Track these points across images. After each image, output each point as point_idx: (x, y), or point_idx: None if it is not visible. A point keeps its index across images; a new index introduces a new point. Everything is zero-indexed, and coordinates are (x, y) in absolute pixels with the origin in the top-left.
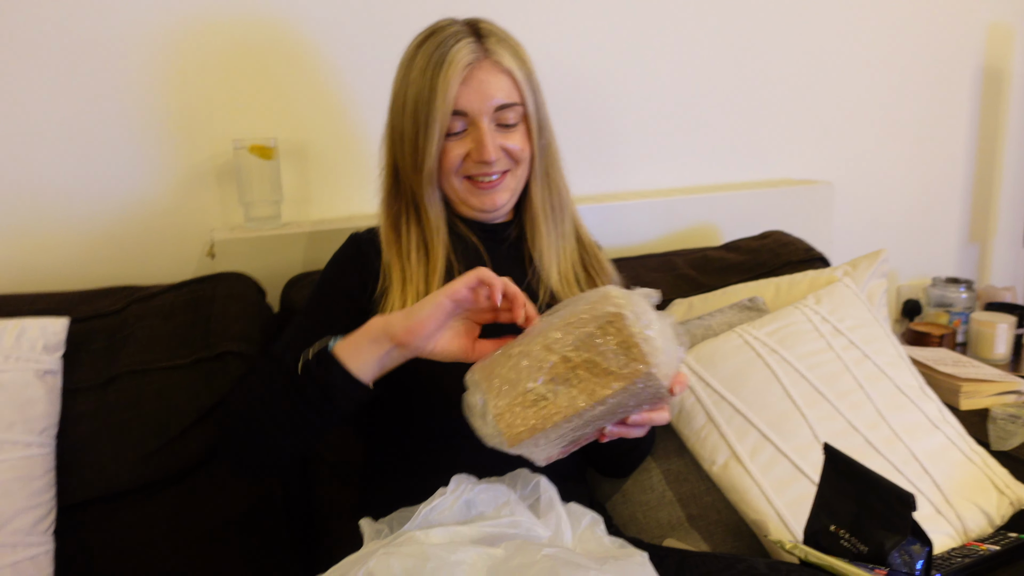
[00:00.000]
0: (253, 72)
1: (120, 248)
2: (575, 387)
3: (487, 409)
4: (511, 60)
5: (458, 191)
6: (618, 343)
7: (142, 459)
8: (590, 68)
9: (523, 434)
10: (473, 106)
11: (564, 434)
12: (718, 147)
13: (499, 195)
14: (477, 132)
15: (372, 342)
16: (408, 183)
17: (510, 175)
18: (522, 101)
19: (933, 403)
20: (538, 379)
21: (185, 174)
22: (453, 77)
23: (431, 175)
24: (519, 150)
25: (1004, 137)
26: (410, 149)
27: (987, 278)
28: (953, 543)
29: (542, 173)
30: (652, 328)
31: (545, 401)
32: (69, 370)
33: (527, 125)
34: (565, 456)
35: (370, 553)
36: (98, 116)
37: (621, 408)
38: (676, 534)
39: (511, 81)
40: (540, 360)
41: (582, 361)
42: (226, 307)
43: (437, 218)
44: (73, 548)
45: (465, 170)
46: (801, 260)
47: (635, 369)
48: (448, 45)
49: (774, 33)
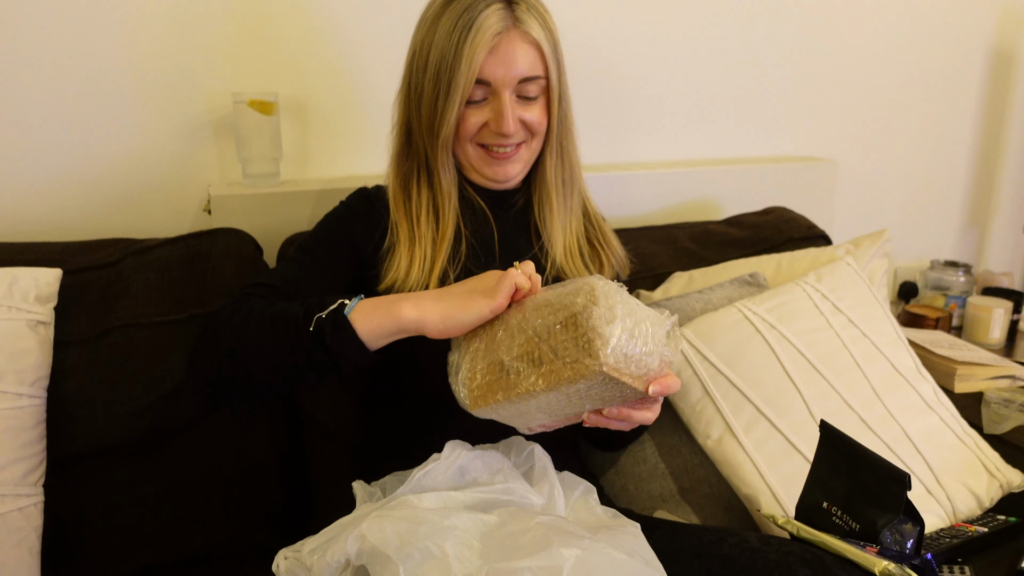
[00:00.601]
0: (255, 25)
1: (115, 199)
2: (537, 369)
3: (461, 369)
4: (540, 30)
5: (471, 159)
6: (575, 336)
7: (134, 414)
8: (599, 37)
9: (486, 400)
10: (497, 76)
11: (530, 411)
12: (723, 121)
13: (512, 166)
14: (498, 103)
15: (398, 328)
16: (421, 144)
17: (524, 147)
18: (546, 74)
19: (928, 385)
20: (509, 353)
21: (183, 127)
22: (480, 45)
23: (447, 141)
24: (537, 123)
25: (1009, 121)
26: (428, 112)
27: (985, 262)
28: (943, 524)
29: (557, 146)
30: (616, 327)
31: (510, 376)
32: (62, 322)
33: (548, 98)
34: (550, 430)
35: (363, 516)
36: (96, 65)
37: (593, 398)
38: (667, 506)
39: (538, 53)
40: (513, 335)
41: (547, 347)
42: (222, 263)
43: (449, 184)
44: (64, 501)
45: (481, 138)
46: (803, 237)
47: (585, 365)
48: (477, 9)
49: (783, 9)
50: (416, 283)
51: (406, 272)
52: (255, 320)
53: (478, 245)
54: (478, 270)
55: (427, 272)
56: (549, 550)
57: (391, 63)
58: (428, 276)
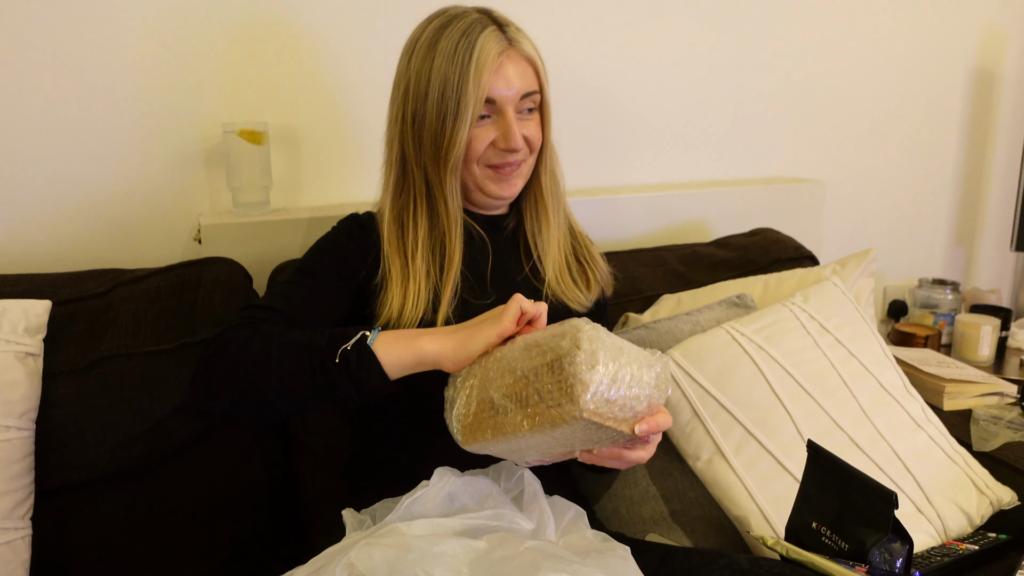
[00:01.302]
0: (245, 55)
1: (106, 230)
2: (523, 410)
3: (455, 404)
4: (531, 49)
5: (478, 179)
6: (559, 380)
7: (124, 444)
8: (588, 62)
9: (475, 438)
10: (502, 94)
11: (520, 448)
12: (712, 143)
13: (516, 182)
14: (504, 120)
15: (417, 362)
16: (418, 174)
17: (525, 163)
18: (541, 89)
19: (917, 403)
20: (499, 391)
21: (173, 157)
22: (486, 66)
23: (456, 163)
24: (535, 138)
25: (993, 140)
26: (431, 138)
27: (973, 280)
28: (933, 542)
29: (549, 160)
30: (598, 373)
31: (498, 415)
32: (51, 353)
33: (542, 113)
34: (547, 464)
35: (352, 544)
36: (86, 96)
37: (582, 440)
38: (659, 529)
39: (532, 69)
40: (503, 374)
41: (534, 389)
42: (212, 292)
43: (456, 210)
44: (52, 533)
45: (487, 159)
46: (790, 258)
47: (567, 411)
48: (476, 32)
49: (769, 32)
50: (409, 321)
51: (399, 310)
52: (276, 348)
53: (472, 275)
54: (472, 300)
55: (420, 307)
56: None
57: (379, 91)
58: (424, 310)
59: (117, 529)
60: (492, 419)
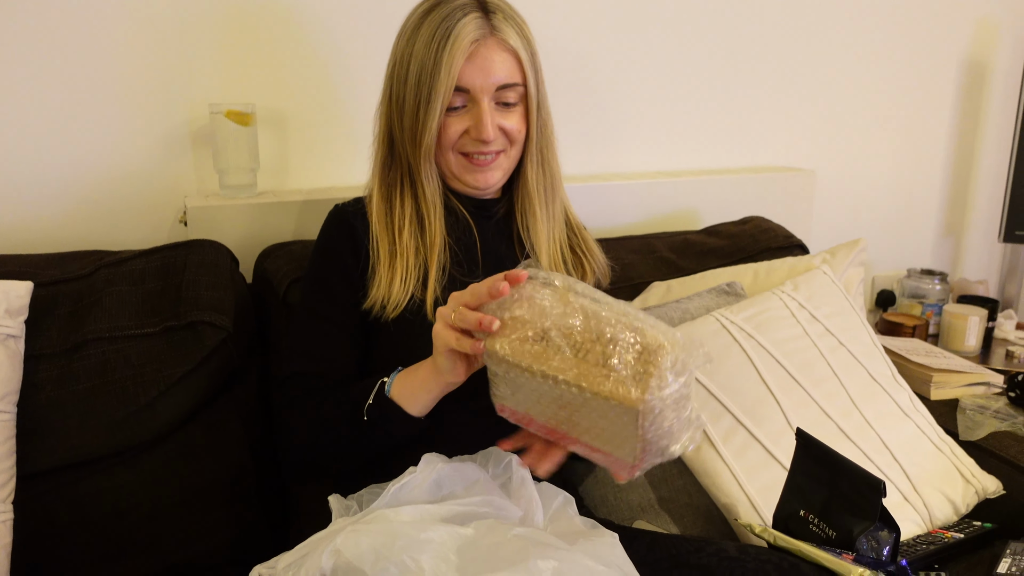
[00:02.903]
0: (233, 35)
1: (90, 211)
2: (579, 361)
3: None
4: (516, 39)
5: (453, 167)
6: (639, 362)
7: (108, 427)
8: (580, 49)
9: (503, 349)
10: (475, 83)
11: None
12: (703, 132)
13: (492, 174)
14: (477, 110)
15: (431, 398)
16: (404, 155)
17: (504, 155)
18: (524, 81)
19: (905, 392)
20: (561, 330)
21: (159, 137)
22: (458, 53)
23: (429, 150)
24: (516, 130)
25: (983, 132)
26: (409, 122)
27: (961, 271)
28: (919, 530)
29: (537, 154)
30: (677, 384)
31: (549, 350)
32: (33, 335)
33: (526, 105)
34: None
35: (338, 530)
36: (71, 75)
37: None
38: (647, 516)
39: (515, 60)
40: (571, 315)
41: (601, 349)
42: (198, 275)
43: (433, 193)
44: (35, 517)
45: (461, 146)
46: (780, 247)
47: (625, 391)
48: (455, 19)
49: (761, 21)
50: (399, 298)
51: (387, 288)
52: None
53: (461, 252)
54: (461, 276)
55: (410, 285)
56: (526, 562)
57: (369, 73)
58: (412, 288)
59: (101, 514)
60: (536, 347)
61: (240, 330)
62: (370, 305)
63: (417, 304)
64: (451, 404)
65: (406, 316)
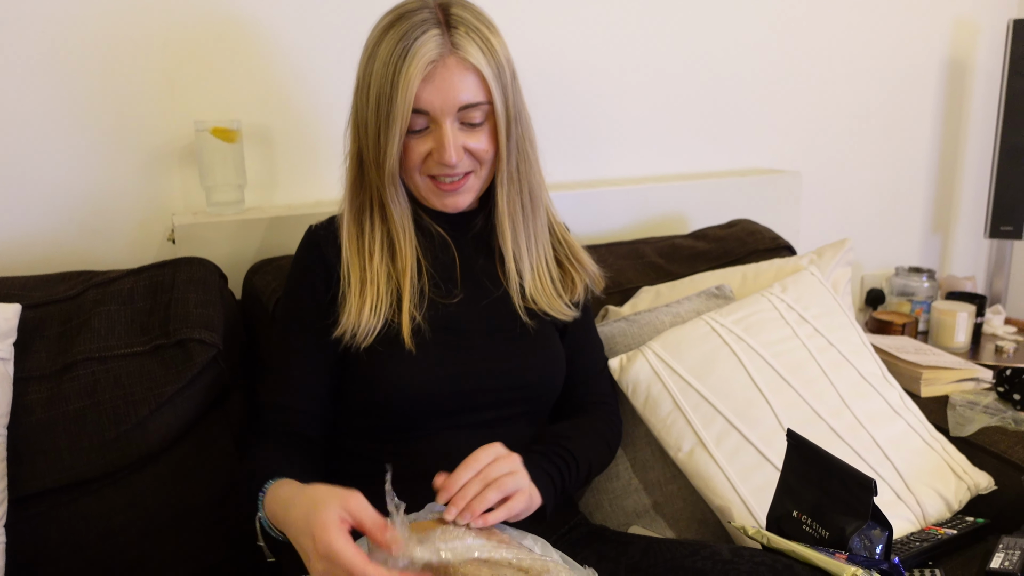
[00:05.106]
0: (217, 52)
1: (77, 231)
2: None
3: None
4: (479, 55)
5: (421, 189)
6: None
7: (99, 448)
8: (565, 55)
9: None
10: (435, 105)
11: None
12: (689, 136)
13: (461, 197)
14: (439, 132)
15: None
16: (372, 176)
17: (473, 176)
18: (489, 99)
19: (895, 390)
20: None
21: (145, 156)
22: (415, 73)
23: (393, 173)
24: (483, 150)
25: (966, 129)
26: (372, 143)
27: (948, 268)
28: (912, 528)
29: (509, 173)
30: None
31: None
32: (22, 357)
33: (494, 124)
34: None
35: None
36: (56, 95)
37: None
38: (642, 521)
39: (478, 78)
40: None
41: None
42: (186, 293)
43: (402, 216)
44: (27, 540)
45: (427, 169)
46: (768, 249)
47: None
48: (412, 37)
49: (744, 24)
50: (370, 326)
51: (357, 316)
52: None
53: (439, 274)
54: (440, 298)
55: (381, 313)
56: None
57: (352, 87)
58: (385, 314)
59: (94, 535)
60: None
61: (230, 347)
62: (340, 333)
63: (395, 331)
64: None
65: (376, 348)
